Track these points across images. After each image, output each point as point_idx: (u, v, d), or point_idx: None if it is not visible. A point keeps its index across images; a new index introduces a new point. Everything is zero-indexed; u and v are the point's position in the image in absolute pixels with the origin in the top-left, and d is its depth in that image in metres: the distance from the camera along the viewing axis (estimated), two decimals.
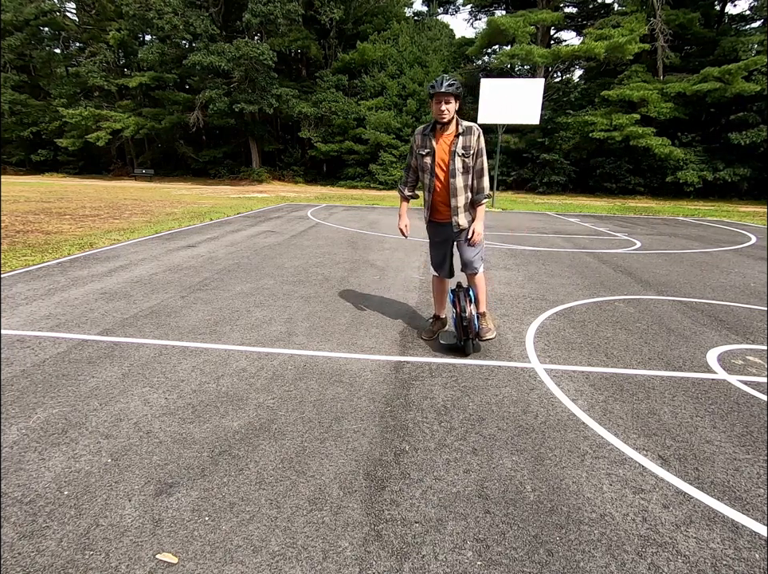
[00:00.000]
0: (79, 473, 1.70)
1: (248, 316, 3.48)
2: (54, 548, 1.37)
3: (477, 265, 2.92)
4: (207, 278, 4.60)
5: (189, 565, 1.32)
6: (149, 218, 9.22)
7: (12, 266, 4.81)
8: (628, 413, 2.23)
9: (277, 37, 24.93)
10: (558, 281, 4.87)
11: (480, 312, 2.95)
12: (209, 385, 2.40)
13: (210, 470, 1.73)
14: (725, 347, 3.10)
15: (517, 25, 22.13)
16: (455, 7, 34.07)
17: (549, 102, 23.10)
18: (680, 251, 7.03)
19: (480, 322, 2.93)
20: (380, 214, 11.52)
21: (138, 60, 27.78)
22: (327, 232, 8.08)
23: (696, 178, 20.68)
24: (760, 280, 5.17)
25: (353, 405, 2.24)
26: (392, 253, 6.26)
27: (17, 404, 2.15)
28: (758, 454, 1.93)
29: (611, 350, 3.02)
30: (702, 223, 11.48)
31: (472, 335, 2.81)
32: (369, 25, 27.73)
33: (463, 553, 1.39)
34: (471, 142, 2.70)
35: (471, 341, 2.85)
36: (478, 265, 2.92)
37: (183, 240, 6.81)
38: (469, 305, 2.78)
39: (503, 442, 1.97)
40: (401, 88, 25.40)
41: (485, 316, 2.98)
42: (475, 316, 2.85)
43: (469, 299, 2.82)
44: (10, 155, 31.70)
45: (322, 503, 1.58)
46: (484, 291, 3.00)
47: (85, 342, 2.92)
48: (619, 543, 1.45)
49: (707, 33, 22.48)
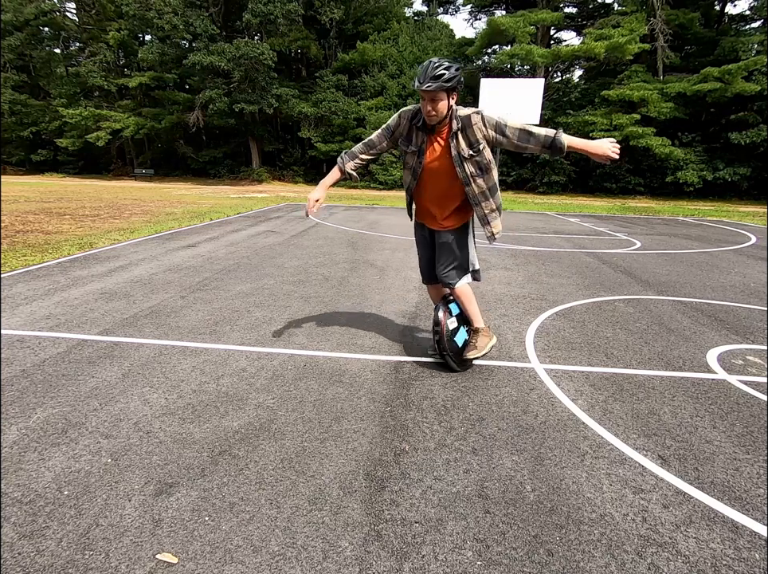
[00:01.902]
0: (79, 473, 1.70)
1: (248, 316, 3.48)
2: (54, 548, 1.37)
3: (452, 279, 2.47)
4: (207, 278, 4.60)
5: (189, 565, 1.32)
6: (149, 218, 9.21)
7: (12, 266, 4.81)
8: (628, 413, 2.23)
9: (277, 37, 24.93)
10: (558, 281, 4.87)
11: (472, 328, 2.62)
12: (209, 385, 2.40)
13: (210, 470, 1.73)
14: (725, 347, 3.10)
15: (517, 25, 22.13)
16: (455, 7, 34.10)
17: (549, 102, 23.10)
18: (680, 251, 7.03)
19: (471, 338, 2.60)
20: (380, 214, 11.52)
21: (138, 60, 27.79)
22: (327, 232, 8.08)
23: (696, 178, 20.69)
24: (760, 280, 5.17)
25: (353, 405, 2.24)
26: (392, 253, 6.26)
27: (17, 404, 2.15)
28: (758, 454, 1.93)
29: (611, 350, 3.02)
30: (702, 223, 11.48)
31: (447, 351, 2.53)
32: (369, 25, 27.75)
33: (463, 553, 1.39)
34: (476, 136, 2.17)
35: (449, 357, 2.56)
36: (453, 279, 2.47)
37: (183, 240, 6.81)
38: (445, 318, 2.51)
39: (503, 442, 1.97)
40: (401, 88, 25.41)
41: (478, 333, 2.59)
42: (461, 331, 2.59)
43: (448, 311, 2.55)
44: (10, 155, 31.69)
45: (322, 503, 1.58)
46: (472, 304, 2.57)
47: (85, 342, 2.92)
48: (619, 543, 1.44)
49: (707, 33, 22.49)
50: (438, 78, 2.00)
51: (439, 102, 2.08)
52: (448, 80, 2.01)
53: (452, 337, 2.55)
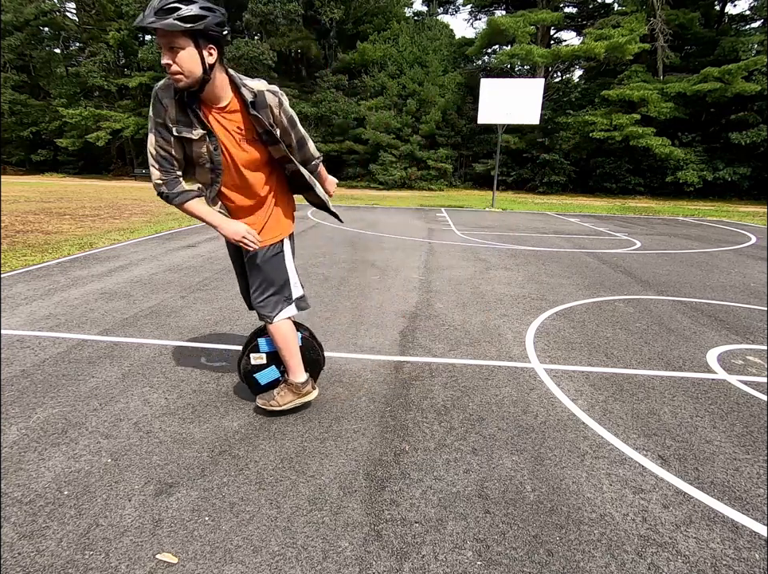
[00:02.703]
0: (79, 473, 1.70)
1: (248, 316, 3.48)
2: (54, 548, 1.37)
3: (270, 311, 1.88)
4: (207, 278, 4.60)
5: (189, 565, 1.32)
6: (149, 218, 9.22)
7: (12, 266, 4.81)
8: (628, 413, 2.23)
9: (277, 37, 24.94)
10: (558, 281, 4.87)
11: (285, 378, 2.07)
12: (209, 385, 2.40)
13: (210, 470, 1.73)
14: (725, 347, 3.10)
15: (517, 25, 22.15)
16: (455, 7, 34.09)
17: (549, 102, 23.11)
18: (680, 251, 7.03)
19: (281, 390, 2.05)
20: (380, 214, 11.52)
21: (138, 60, 27.79)
22: (327, 232, 8.08)
23: (696, 178, 20.69)
24: (760, 280, 5.17)
25: (353, 405, 2.24)
26: (392, 253, 6.26)
27: (17, 404, 2.15)
28: (758, 454, 1.93)
29: (611, 350, 3.02)
30: (702, 223, 11.48)
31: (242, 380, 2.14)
32: (369, 25, 27.74)
33: (463, 553, 1.39)
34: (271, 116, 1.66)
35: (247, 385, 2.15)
36: (271, 310, 1.88)
37: (183, 240, 6.81)
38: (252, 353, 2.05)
39: (503, 442, 1.97)
40: (401, 88, 25.40)
41: (287, 385, 2.04)
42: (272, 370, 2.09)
43: (255, 346, 2.05)
44: (10, 155, 31.67)
45: (322, 503, 1.58)
46: (289, 351, 1.97)
47: (85, 342, 2.92)
48: (619, 543, 1.44)
49: (707, 33, 22.50)
50: (168, 13, 1.35)
51: (179, 52, 1.43)
52: (187, 20, 1.37)
53: (255, 372, 2.09)
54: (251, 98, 1.61)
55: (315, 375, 2.20)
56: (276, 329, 1.92)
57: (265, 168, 1.82)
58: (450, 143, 25.31)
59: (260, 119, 1.63)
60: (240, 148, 1.70)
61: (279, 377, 2.12)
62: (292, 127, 1.76)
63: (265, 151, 1.75)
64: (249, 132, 1.69)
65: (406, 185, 24.06)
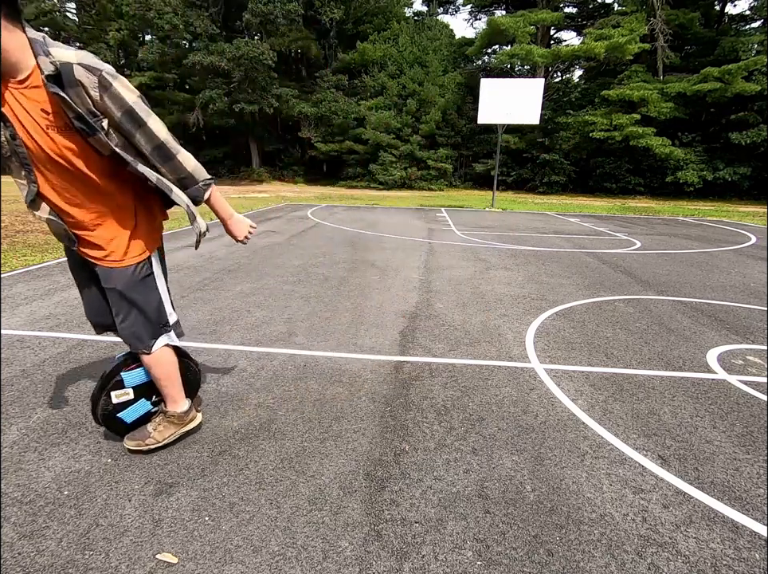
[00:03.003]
0: (79, 473, 1.70)
1: (248, 316, 3.48)
2: (54, 548, 1.37)
3: (143, 342, 1.62)
4: (207, 278, 4.60)
5: (189, 565, 1.32)
6: None
7: (12, 266, 4.81)
8: (628, 413, 2.23)
9: (277, 37, 24.92)
10: (558, 281, 4.87)
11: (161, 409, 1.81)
12: (209, 385, 2.40)
13: (210, 470, 1.73)
14: (725, 347, 3.10)
15: (517, 25, 22.14)
16: (455, 7, 34.07)
17: (549, 102, 23.11)
18: (680, 251, 7.03)
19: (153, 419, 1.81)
20: (380, 214, 11.52)
21: (138, 61, 27.80)
22: (327, 232, 8.08)
23: (696, 178, 20.68)
24: (760, 280, 5.17)
25: (353, 405, 2.24)
26: (392, 253, 6.26)
27: (17, 404, 2.15)
28: (758, 454, 1.93)
29: (611, 350, 3.02)
30: (702, 223, 11.48)
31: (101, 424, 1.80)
32: (369, 25, 27.73)
33: (463, 553, 1.39)
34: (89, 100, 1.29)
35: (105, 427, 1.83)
36: (144, 341, 1.62)
37: (183, 240, 6.81)
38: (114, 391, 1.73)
39: (503, 442, 1.97)
40: (401, 88, 25.40)
41: (165, 418, 1.79)
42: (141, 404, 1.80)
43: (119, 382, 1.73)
44: None
45: (322, 503, 1.58)
46: (171, 380, 1.74)
47: (85, 342, 2.92)
48: (619, 543, 1.45)
49: (707, 33, 22.49)
50: None
51: None
52: None
53: (119, 411, 1.77)
54: (50, 71, 1.23)
55: (194, 394, 1.96)
56: (154, 360, 1.66)
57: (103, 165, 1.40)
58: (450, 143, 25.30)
59: (65, 99, 1.24)
60: (49, 137, 1.31)
61: (150, 409, 1.84)
62: (135, 125, 1.35)
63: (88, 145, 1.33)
64: (59, 117, 1.29)
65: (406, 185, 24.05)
